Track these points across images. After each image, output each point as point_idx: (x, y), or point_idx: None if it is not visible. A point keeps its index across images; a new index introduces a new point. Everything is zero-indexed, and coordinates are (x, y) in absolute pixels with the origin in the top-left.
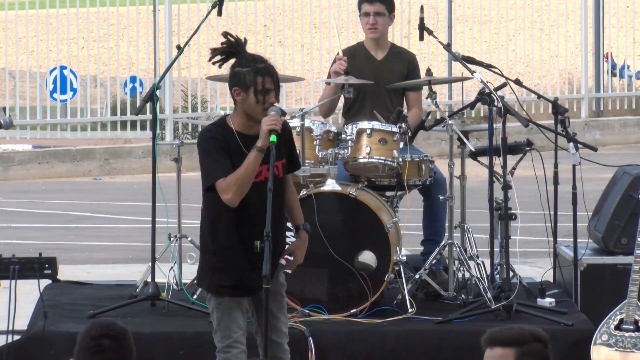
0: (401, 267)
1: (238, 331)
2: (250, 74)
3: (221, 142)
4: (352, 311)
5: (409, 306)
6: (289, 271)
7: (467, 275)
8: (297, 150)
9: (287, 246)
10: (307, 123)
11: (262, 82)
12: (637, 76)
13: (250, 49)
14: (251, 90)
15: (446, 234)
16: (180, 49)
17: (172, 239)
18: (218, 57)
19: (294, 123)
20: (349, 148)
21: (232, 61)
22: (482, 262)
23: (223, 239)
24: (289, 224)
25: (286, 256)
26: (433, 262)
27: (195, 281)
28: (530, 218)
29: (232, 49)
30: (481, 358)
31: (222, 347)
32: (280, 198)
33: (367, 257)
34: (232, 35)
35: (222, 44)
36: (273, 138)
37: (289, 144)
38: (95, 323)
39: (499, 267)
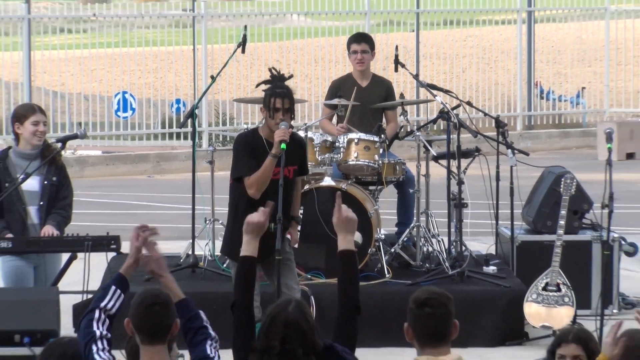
0: (380, 243)
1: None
2: (267, 95)
3: (249, 146)
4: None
5: (386, 272)
6: (295, 245)
7: (430, 249)
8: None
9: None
10: (309, 134)
11: (273, 102)
12: (559, 99)
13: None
14: (267, 107)
15: (415, 219)
16: (213, 78)
17: (207, 222)
18: (263, 85)
19: (301, 133)
20: (341, 153)
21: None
22: (442, 240)
23: (241, 219)
24: None
25: (288, 235)
26: (405, 240)
27: (221, 250)
28: (478, 206)
29: (272, 78)
30: None
31: None
32: (290, 193)
33: (356, 236)
34: (275, 69)
35: (269, 76)
36: (283, 146)
37: (302, 156)
38: (147, 293)
39: (454, 243)
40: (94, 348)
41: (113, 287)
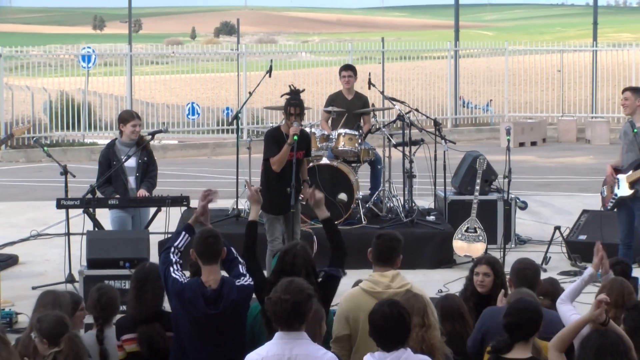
0: (359, 201)
1: (277, 232)
2: (286, 104)
3: (274, 138)
4: (335, 222)
5: (363, 220)
6: (304, 201)
7: (391, 205)
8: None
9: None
10: (313, 130)
11: (289, 109)
12: (475, 107)
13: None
14: (285, 112)
15: (381, 185)
16: (250, 94)
17: (245, 186)
18: (285, 95)
19: (307, 129)
20: (334, 142)
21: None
22: (399, 199)
23: (272, 185)
24: None
25: (301, 195)
26: (375, 199)
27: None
28: (423, 177)
29: (291, 92)
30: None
31: (270, 240)
32: (300, 168)
33: (343, 196)
34: (293, 86)
35: (289, 90)
36: (295, 138)
37: (308, 144)
38: (204, 230)
39: (407, 201)
40: (171, 269)
41: (183, 232)
